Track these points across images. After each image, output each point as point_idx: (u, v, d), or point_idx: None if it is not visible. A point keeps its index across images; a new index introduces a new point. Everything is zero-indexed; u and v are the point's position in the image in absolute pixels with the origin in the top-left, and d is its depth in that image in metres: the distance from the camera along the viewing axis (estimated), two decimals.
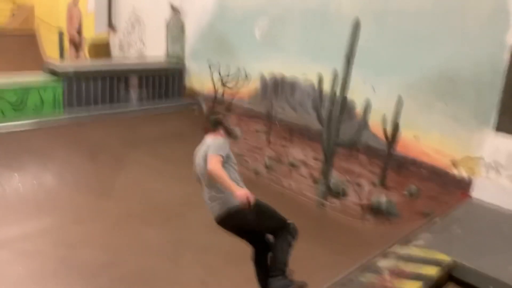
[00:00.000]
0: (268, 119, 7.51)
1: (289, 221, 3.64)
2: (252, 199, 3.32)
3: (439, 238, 4.30)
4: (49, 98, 7.23)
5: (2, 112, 6.75)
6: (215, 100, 8.36)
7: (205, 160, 3.55)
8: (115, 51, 10.97)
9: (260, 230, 3.72)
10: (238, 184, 3.49)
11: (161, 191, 6.59)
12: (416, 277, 3.62)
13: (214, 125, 3.92)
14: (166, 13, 9.16)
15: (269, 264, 3.67)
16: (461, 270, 3.88)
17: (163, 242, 5.43)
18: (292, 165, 7.25)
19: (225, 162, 3.54)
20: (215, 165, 3.38)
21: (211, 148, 3.55)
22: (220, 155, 3.48)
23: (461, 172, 5.40)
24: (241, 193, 3.31)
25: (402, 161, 5.91)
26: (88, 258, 4.99)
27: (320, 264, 5.17)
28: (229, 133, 3.92)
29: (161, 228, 5.74)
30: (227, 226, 3.71)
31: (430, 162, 5.65)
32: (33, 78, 7.36)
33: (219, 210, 3.60)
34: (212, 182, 3.54)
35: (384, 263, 3.79)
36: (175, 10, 8.97)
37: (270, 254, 3.71)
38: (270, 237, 3.75)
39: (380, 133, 6.09)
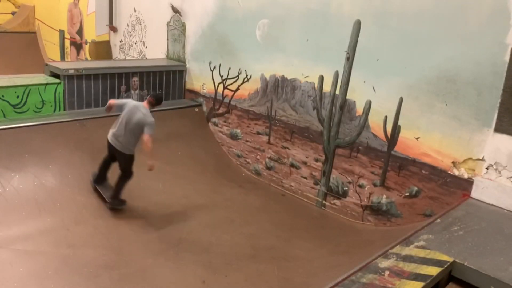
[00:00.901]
0: (269, 119, 7.52)
1: (133, 172, 5.93)
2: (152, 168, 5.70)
3: (439, 238, 4.31)
4: (50, 98, 7.25)
5: (3, 113, 6.77)
6: (216, 101, 8.38)
7: (142, 121, 5.54)
8: (115, 51, 10.98)
9: (120, 164, 5.88)
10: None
11: (161, 191, 6.60)
12: (417, 277, 3.63)
13: (158, 102, 5.84)
14: (167, 13, 9.17)
15: (113, 189, 5.91)
16: (462, 271, 3.90)
17: (163, 242, 5.44)
18: (293, 165, 7.26)
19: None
20: (151, 144, 5.50)
21: (150, 128, 5.54)
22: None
23: (462, 173, 5.41)
24: (151, 164, 5.64)
25: (403, 162, 5.92)
26: (89, 258, 5.00)
27: (322, 265, 5.19)
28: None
29: (162, 228, 5.75)
30: (112, 151, 5.84)
31: (430, 162, 5.66)
32: (34, 78, 7.37)
33: (117, 146, 5.72)
34: (128, 133, 5.64)
35: (385, 264, 3.80)
36: (175, 10, 8.98)
37: (111, 185, 6.05)
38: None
39: (380, 134, 6.10)
